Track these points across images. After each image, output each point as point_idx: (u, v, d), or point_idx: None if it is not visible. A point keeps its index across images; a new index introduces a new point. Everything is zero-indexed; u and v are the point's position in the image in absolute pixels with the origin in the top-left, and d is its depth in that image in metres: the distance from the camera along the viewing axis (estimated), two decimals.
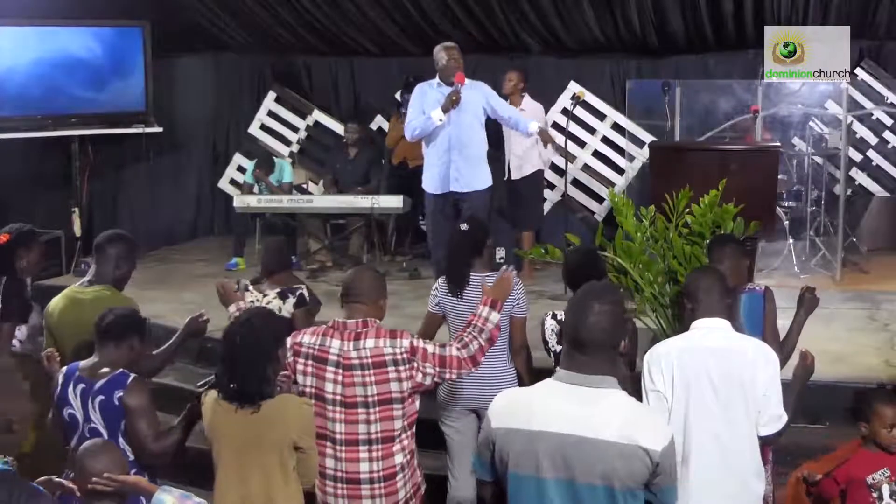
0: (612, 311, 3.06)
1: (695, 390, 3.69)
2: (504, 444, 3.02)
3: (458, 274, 5.02)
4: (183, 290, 8.46)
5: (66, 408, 4.07)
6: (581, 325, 3.02)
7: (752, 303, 4.59)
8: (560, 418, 2.97)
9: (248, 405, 3.77)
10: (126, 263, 4.92)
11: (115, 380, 4.03)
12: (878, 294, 8.09)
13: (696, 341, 3.78)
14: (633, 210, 5.55)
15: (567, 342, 3.08)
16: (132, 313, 4.25)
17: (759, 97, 8.75)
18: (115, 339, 4.11)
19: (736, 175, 5.87)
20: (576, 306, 3.08)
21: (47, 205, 9.70)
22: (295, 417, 3.82)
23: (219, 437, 3.85)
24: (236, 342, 3.83)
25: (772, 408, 3.71)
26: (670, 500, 3.05)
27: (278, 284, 5.55)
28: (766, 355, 3.77)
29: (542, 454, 2.96)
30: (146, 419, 4.01)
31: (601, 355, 3.03)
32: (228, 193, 10.81)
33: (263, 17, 10.72)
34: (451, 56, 7.25)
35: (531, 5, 9.80)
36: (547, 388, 3.08)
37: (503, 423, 3.05)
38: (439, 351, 4.00)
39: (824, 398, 6.00)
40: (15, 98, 9.30)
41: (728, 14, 9.51)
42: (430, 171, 7.34)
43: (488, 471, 3.14)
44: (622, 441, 2.92)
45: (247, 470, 3.80)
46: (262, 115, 11.13)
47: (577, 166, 9.94)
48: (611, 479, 2.92)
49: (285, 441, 3.79)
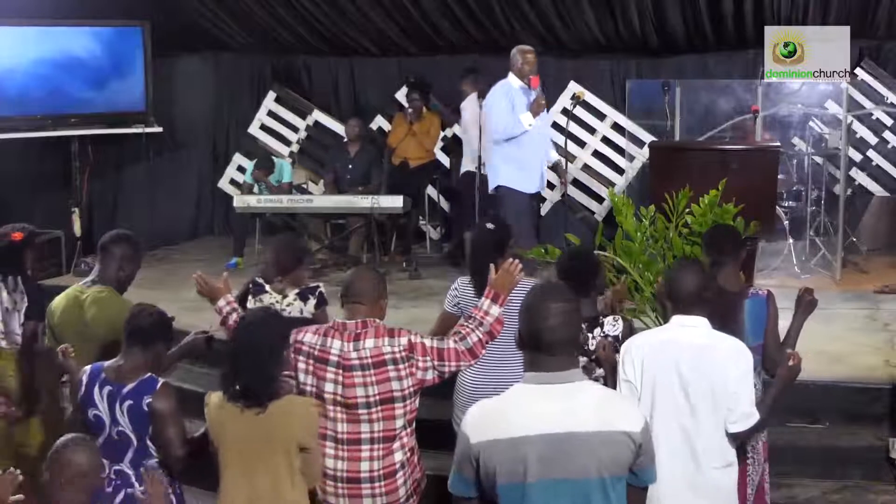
0: (569, 309, 3.06)
1: (663, 384, 3.74)
2: (489, 457, 2.98)
3: (484, 274, 4.95)
4: (182, 289, 8.43)
5: (92, 409, 4.05)
6: (542, 328, 3.01)
7: (755, 307, 4.58)
8: (541, 419, 2.96)
9: (255, 406, 3.75)
10: (130, 265, 4.87)
11: (143, 384, 4.01)
12: (878, 294, 8.09)
13: (669, 335, 3.84)
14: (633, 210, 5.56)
15: (529, 347, 3.05)
16: (160, 316, 4.20)
17: (759, 97, 8.75)
18: (142, 343, 4.08)
19: (736, 175, 5.89)
20: (530, 310, 3.07)
21: (47, 205, 9.70)
22: (301, 418, 3.81)
23: (224, 439, 3.83)
24: (245, 342, 3.81)
25: (742, 406, 3.73)
26: (651, 479, 3.09)
27: (294, 284, 5.45)
28: (739, 353, 3.79)
29: (530, 459, 2.94)
30: (174, 425, 3.99)
31: (565, 351, 3.04)
32: (228, 193, 10.80)
33: (263, 17, 10.72)
34: (528, 60, 7.53)
35: (531, 5, 9.80)
36: (520, 393, 3.06)
37: (482, 437, 3.00)
38: (437, 344, 3.99)
39: (824, 398, 6.02)
40: (15, 98, 9.30)
41: (728, 14, 9.51)
42: (528, 171, 7.52)
43: (471, 487, 3.07)
44: (605, 428, 2.94)
45: (253, 471, 3.79)
46: (261, 114, 11.12)
47: (577, 166, 9.94)
48: (601, 469, 2.93)
49: (292, 441, 3.77)
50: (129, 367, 4.06)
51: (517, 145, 7.46)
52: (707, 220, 5.29)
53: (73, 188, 9.70)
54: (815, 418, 5.96)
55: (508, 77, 7.58)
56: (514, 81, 7.54)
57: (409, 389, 3.96)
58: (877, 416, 5.97)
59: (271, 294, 5.36)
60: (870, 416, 5.99)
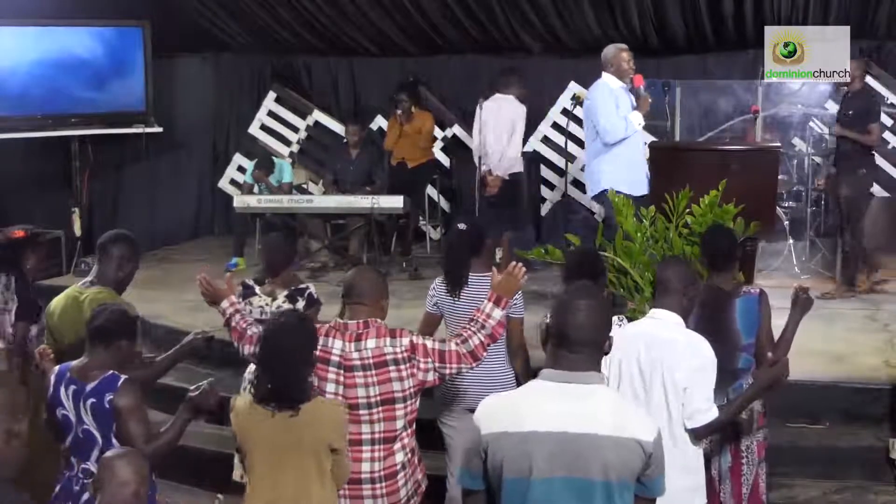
0: (600, 309, 3.08)
1: (625, 372, 3.86)
2: (497, 450, 2.99)
3: (456, 274, 5.01)
4: (183, 290, 8.44)
5: (59, 408, 4.07)
6: (570, 324, 3.02)
7: (747, 305, 4.61)
8: (553, 417, 2.95)
9: (287, 409, 3.72)
10: (129, 265, 4.86)
11: (105, 382, 4.01)
12: (878, 294, 8.09)
13: (638, 327, 3.98)
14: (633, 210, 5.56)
15: (555, 342, 3.07)
16: (122, 314, 4.20)
17: (759, 97, 8.75)
18: (104, 341, 4.08)
19: (736, 175, 5.89)
20: (562, 306, 3.08)
21: (47, 205, 9.70)
22: (330, 419, 3.80)
23: (254, 443, 3.80)
24: (276, 345, 3.78)
25: (694, 402, 3.78)
26: (659, 491, 3.06)
27: (284, 286, 5.45)
28: (694, 350, 3.83)
29: (537, 455, 2.94)
30: (137, 421, 3.98)
31: (589, 353, 3.04)
32: (228, 193, 10.80)
33: (263, 17, 10.72)
34: (625, 59, 7.26)
35: (531, 5, 9.80)
36: (535, 388, 3.06)
37: (493, 428, 3.01)
38: (439, 346, 4.00)
39: (824, 398, 6.02)
40: (15, 98, 9.30)
41: (728, 14, 9.52)
42: (636, 172, 7.11)
43: (479, 480, 3.08)
44: (617, 434, 2.93)
45: (283, 474, 3.77)
46: (262, 115, 11.12)
47: (577, 166, 9.94)
48: (608, 472, 2.92)
49: (322, 443, 3.76)
50: (92, 365, 4.06)
51: (625, 146, 7.09)
52: (707, 221, 5.29)
53: (73, 188, 9.70)
54: (815, 418, 5.96)
55: (603, 77, 7.24)
56: (611, 81, 7.20)
57: (410, 390, 3.96)
58: (877, 417, 5.97)
59: (260, 296, 5.36)
60: (870, 417, 6.00)
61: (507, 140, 8.53)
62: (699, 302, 4.47)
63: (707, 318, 4.50)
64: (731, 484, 4.56)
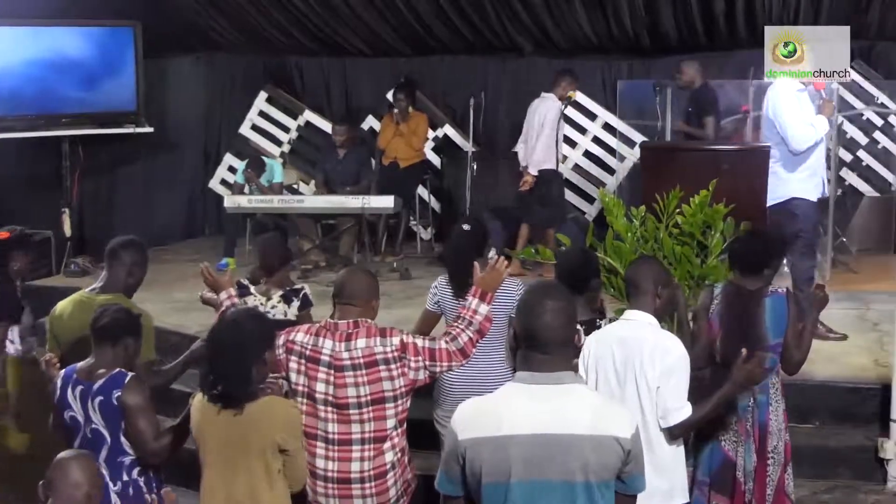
0: (566, 308, 3.06)
1: (602, 371, 3.90)
2: (475, 455, 2.96)
3: (462, 275, 4.96)
4: (173, 290, 8.43)
5: (67, 411, 4.07)
6: (537, 325, 3.00)
7: (776, 304, 4.57)
8: (530, 419, 2.94)
9: (232, 407, 3.75)
10: (139, 270, 4.82)
11: (112, 380, 4.02)
12: (868, 294, 8.09)
13: (611, 330, 4.03)
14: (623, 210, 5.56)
15: (524, 344, 3.05)
16: (126, 313, 4.21)
17: (751, 97, 8.76)
18: (110, 340, 4.09)
19: (727, 175, 5.88)
20: (528, 307, 3.06)
21: (39, 205, 9.65)
22: (281, 420, 3.80)
23: (204, 438, 3.84)
24: (222, 343, 3.81)
25: (666, 401, 3.81)
26: (640, 487, 3.05)
27: (279, 286, 5.45)
28: (664, 350, 3.85)
29: (515, 458, 2.92)
30: (145, 417, 4.01)
31: (560, 352, 3.03)
32: (219, 194, 10.79)
33: (255, 18, 10.70)
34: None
35: (523, 5, 9.81)
36: (510, 391, 3.04)
37: (470, 434, 2.98)
38: (429, 345, 3.99)
39: (815, 398, 6.03)
40: (6, 98, 9.27)
41: (720, 14, 9.53)
42: (816, 177, 6.84)
43: (457, 485, 3.06)
44: (595, 433, 2.92)
45: (231, 471, 3.78)
46: (253, 115, 11.11)
47: (568, 166, 9.95)
48: (587, 472, 2.90)
49: (270, 443, 3.76)
50: (99, 365, 4.08)
51: (809, 152, 6.76)
52: (697, 221, 5.30)
53: (63, 188, 9.67)
54: (805, 418, 5.97)
55: (779, 81, 6.91)
56: (790, 84, 6.88)
57: (400, 390, 3.96)
58: (867, 417, 5.98)
59: (255, 296, 5.37)
60: (860, 416, 6.01)
61: (535, 137, 8.65)
62: (726, 302, 4.50)
63: (735, 317, 4.51)
64: (755, 484, 4.49)
